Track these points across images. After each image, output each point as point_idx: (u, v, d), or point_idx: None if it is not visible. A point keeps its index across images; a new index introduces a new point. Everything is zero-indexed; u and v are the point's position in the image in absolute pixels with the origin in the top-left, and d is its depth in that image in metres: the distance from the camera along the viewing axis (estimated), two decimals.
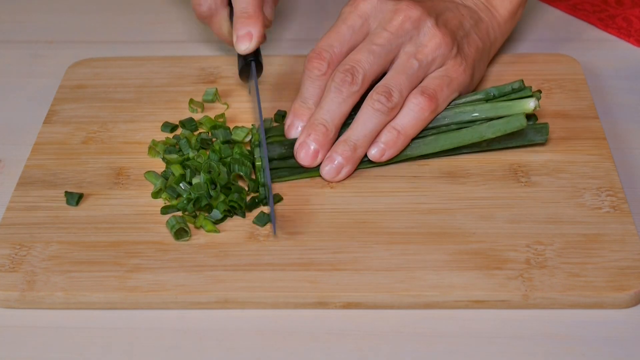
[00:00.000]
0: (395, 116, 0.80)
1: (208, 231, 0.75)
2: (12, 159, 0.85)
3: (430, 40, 0.81)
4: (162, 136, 0.85)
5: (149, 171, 0.80)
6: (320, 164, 0.80)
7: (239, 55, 0.87)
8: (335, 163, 0.79)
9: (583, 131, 0.84)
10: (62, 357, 0.68)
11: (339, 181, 0.80)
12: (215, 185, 0.77)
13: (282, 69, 0.93)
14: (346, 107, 0.80)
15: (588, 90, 0.88)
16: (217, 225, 0.75)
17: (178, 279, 0.71)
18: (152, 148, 0.83)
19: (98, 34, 1.02)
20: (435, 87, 0.81)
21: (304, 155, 0.80)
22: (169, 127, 0.85)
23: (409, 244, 0.74)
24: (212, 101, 0.88)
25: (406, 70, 0.80)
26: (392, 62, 0.81)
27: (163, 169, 0.81)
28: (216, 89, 0.89)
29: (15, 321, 0.71)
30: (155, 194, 0.78)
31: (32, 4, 1.07)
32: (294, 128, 0.82)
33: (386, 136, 0.80)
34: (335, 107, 0.80)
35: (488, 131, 0.80)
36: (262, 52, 0.88)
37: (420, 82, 0.82)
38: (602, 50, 0.97)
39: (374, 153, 0.80)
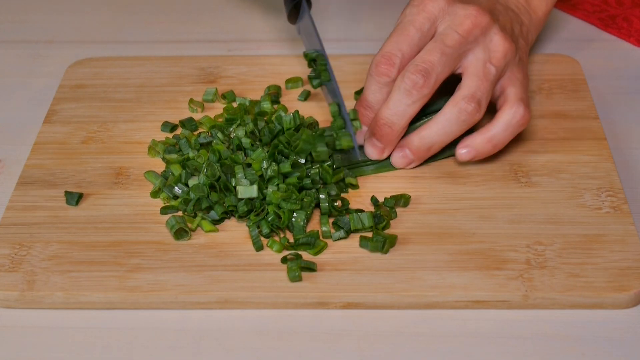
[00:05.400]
0: (487, 124, 0.79)
1: (207, 231, 0.75)
2: (12, 159, 0.85)
3: (499, 46, 0.79)
4: (162, 136, 0.85)
5: (149, 171, 0.80)
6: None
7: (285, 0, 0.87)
8: (407, 156, 0.79)
9: (583, 131, 0.84)
10: (62, 357, 0.68)
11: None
12: (215, 187, 0.77)
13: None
14: (414, 109, 0.78)
15: (588, 91, 0.88)
16: (216, 225, 0.76)
17: (178, 279, 0.71)
18: (152, 148, 0.83)
19: (98, 34, 1.02)
20: (526, 97, 0.79)
21: (371, 151, 0.80)
22: (169, 127, 0.85)
23: (409, 244, 0.74)
24: (212, 101, 0.88)
25: (487, 76, 0.78)
26: (458, 67, 0.79)
27: (163, 169, 0.81)
28: (216, 89, 0.89)
29: (15, 321, 0.71)
30: (154, 194, 0.78)
31: (32, 4, 1.07)
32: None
33: (479, 145, 0.78)
34: (403, 109, 0.78)
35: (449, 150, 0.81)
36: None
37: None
38: (602, 50, 0.97)
39: (463, 153, 0.78)
